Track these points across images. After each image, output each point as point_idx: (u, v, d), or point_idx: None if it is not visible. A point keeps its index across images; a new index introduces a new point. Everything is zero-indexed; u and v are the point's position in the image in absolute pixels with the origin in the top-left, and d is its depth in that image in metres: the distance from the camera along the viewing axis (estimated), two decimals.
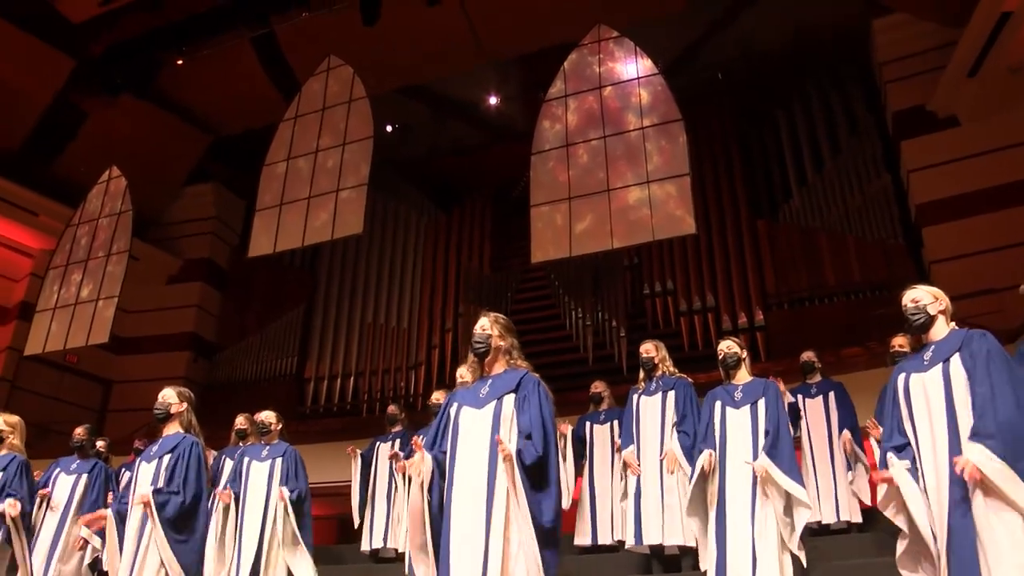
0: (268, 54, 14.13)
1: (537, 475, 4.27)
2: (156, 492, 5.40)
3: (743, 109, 14.72)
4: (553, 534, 4.21)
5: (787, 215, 13.53)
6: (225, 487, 7.61)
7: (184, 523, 5.43)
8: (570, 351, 13.89)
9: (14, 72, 13.84)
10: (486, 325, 4.73)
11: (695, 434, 6.49)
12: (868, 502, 7.90)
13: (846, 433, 8.03)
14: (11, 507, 6.48)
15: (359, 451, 9.48)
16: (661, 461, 6.92)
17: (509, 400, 4.50)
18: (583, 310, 14.06)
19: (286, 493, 7.39)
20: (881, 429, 5.72)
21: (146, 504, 5.37)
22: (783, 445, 5.78)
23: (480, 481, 4.33)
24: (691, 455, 6.51)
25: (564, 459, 8.37)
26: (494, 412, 4.48)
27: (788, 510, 5.65)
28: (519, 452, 4.29)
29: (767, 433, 5.82)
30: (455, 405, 4.65)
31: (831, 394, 8.29)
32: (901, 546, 4.55)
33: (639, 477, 7.02)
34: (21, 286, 15.50)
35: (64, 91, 14.20)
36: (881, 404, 6.74)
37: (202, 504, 5.56)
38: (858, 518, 7.97)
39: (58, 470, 7.91)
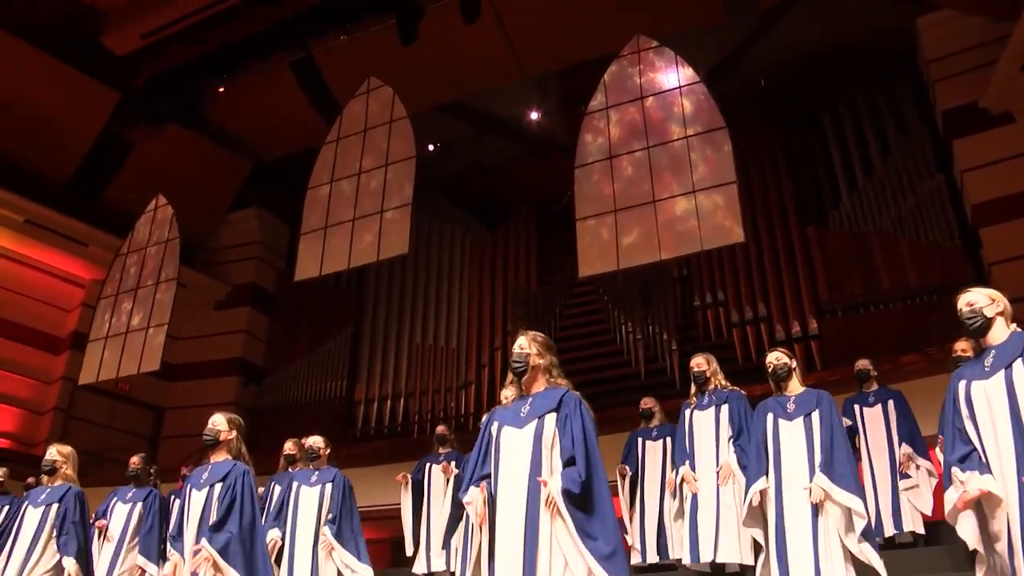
0: (308, 78, 14.26)
1: (584, 501, 4.19)
2: (210, 538, 5.39)
3: (788, 114, 14.55)
4: (613, 558, 4.10)
5: (837, 220, 13.34)
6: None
7: (244, 553, 5.42)
8: (621, 366, 13.80)
9: (62, 107, 14.14)
10: (524, 344, 4.69)
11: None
12: (929, 513, 7.75)
13: (906, 448, 7.86)
14: (71, 566, 6.49)
15: (408, 475, 9.45)
16: (717, 475, 6.83)
17: (550, 419, 4.43)
18: (633, 324, 13.96)
19: (329, 534, 7.36)
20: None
21: (208, 559, 5.36)
22: (839, 454, 5.67)
23: (521, 502, 4.28)
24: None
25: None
26: (535, 432, 4.42)
27: (849, 522, 5.55)
28: (564, 490, 4.20)
29: (822, 446, 5.71)
30: (495, 425, 4.61)
31: (890, 403, 8.11)
32: (980, 571, 4.37)
33: (695, 494, 6.93)
34: (73, 316, 15.75)
35: (110, 123, 14.47)
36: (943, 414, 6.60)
37: (258, 532, 5.55)
38: (920, 529, 7.81)
39: (115, 500, 8.00)
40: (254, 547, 5.48)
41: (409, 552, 9.20)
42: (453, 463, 9.03)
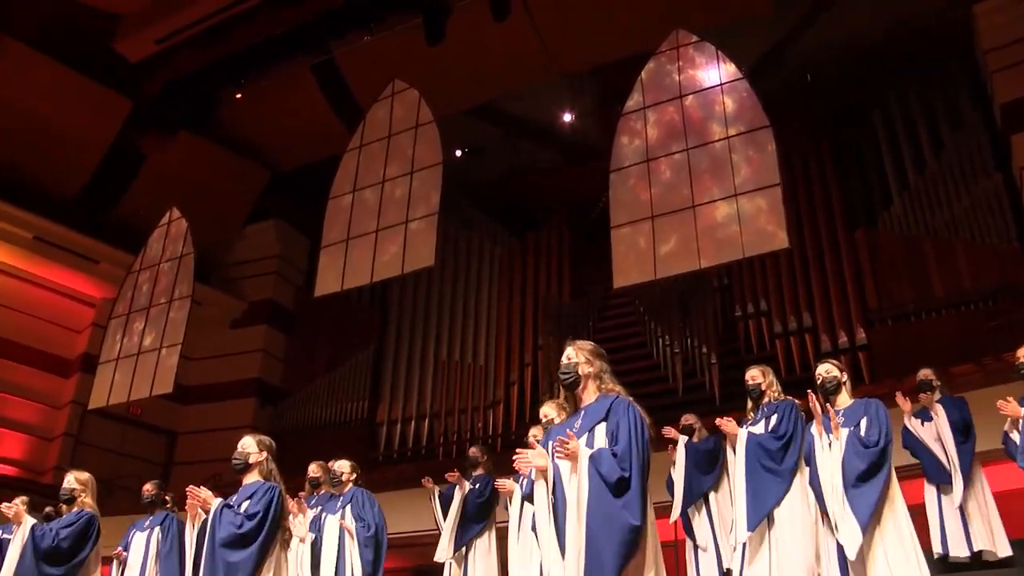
0: (329, 82, 14.44)
1: (617, 492, 4.17)
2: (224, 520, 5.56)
3: (834, 111, 14.59)
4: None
5: (887, 223, 13.36)
6: None
7: (241, 544, 5.55)
8: (658, 381, 13.81)
9: (72, 117, 14.40)
10: (571, 354, 4.71)
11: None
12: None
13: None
14: None
15: (438, 488, 9.47)
16: None
17: (600, 431, 4.40)
18: (670, 337, 14.00)
19: (351, 523, 7.53)
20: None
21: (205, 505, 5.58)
22: (872, 466, 5.75)
23: (576, 526, 4.19)
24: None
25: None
26: (585, 445, 4.36)
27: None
28: (595, 456, 4.23)
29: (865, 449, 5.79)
30: (551, 445, 4.47)
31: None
32: None
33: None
34: (83, 337, 15.98)
35: (122, 133, 14.72)
36: None
37: (263, 541, 5.64)
38: (1003, 548, 7.69)
39: (134, 531, 8.19)
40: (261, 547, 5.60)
41: (445, 556, 9.09)
42: (478, 485, 9.04)
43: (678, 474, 8.21)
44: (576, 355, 4.71)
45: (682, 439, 8.30)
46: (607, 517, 4.12)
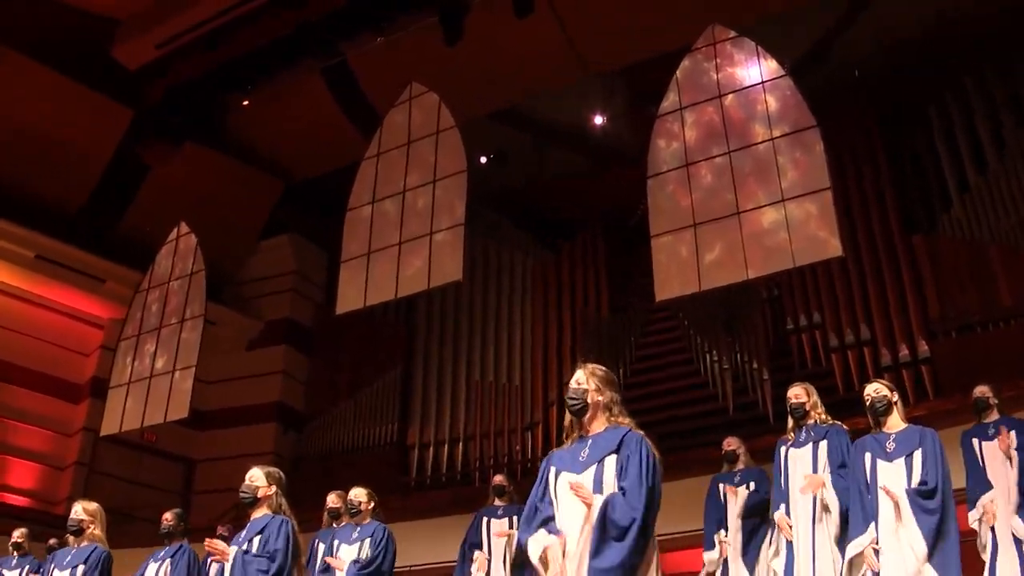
0: (342, 86, 14.45)
1: (621, 535, 4.23)
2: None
3: (887, 108, 14.34)
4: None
5: (948, 227, 13.17)
6: None
7: None
8: (706, 400, 13.72)
9: (71, 128, 14.43)
10: (581, 379, 4.77)
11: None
12: None
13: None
14: None
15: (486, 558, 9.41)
16: (813, 522, 6.79)
17: (611, 463, 4.48)
18: (718, 352, 13.89)
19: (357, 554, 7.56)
20: None
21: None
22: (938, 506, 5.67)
23: (577, 553, 4.29)
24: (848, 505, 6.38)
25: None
26: (595, 478, 4.46)
27: None
28: (607, 503, 4.26)
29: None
30: (552, 471, 4.66)
31: (1013, 435, 7.93)
32: None
33: (790, 542, 6.91)
34: (92, 361, 16.04)
35: (124, 144, 14.72)
36: None
37: None
38: None
39: (149, 562, 8.20)
40: None
41: None
42: (513, 519, 9.02)
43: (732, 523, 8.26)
44: (587, 381, 4.76)
45: (741, 493, 8.32)
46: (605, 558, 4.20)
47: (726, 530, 8.42)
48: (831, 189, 9.44)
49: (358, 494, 8.06)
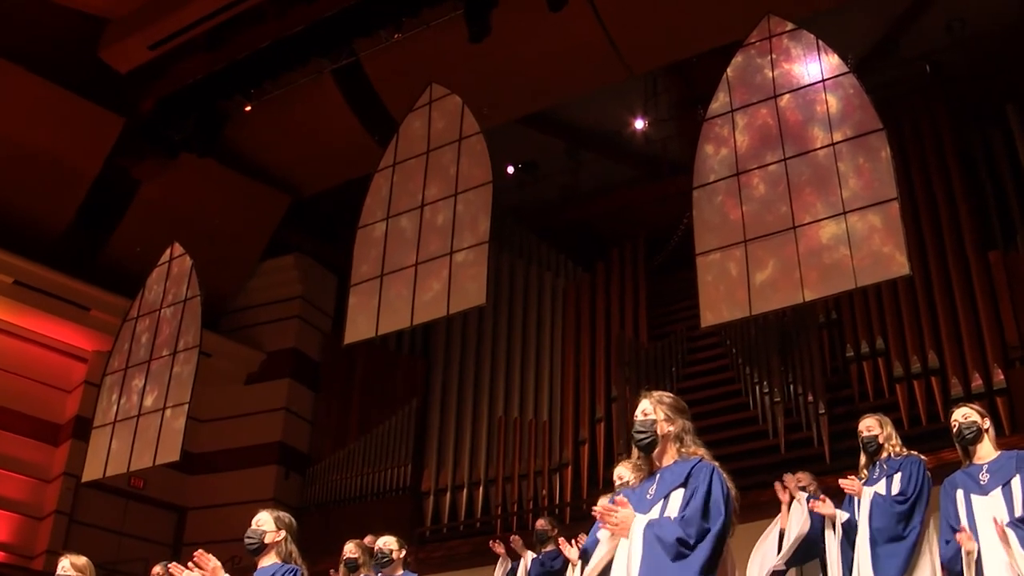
0: (354, 89, 14.49)
1: (675, 556, 4.22)
2: None
3: (961, 108, 14.34)
4: None
5: None
6: None
7: None
8: (756, 437, 13.67)
9: (53, 139, 14.46)
10: (648, 409, 4.73)
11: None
12: None
13: None
14: None
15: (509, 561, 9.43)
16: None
17: (676, 498, 4.47)
18: (770, 383, 13.82)
19: None
20: None
21: None
22: None
23: None
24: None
25: None
26: (660, 515, 4.44)
27: None
28: (653, 522, 4.29)
29: None
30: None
31: None
32: None
33: None
34: (74, 398, 16.02)
35: (113, 156, 14.77)
36: None
37: None
38: None
39: None
40: None
41: None
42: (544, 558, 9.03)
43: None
44: (655, 410, 4.73)
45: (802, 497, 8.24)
46: None
47: None
48: (898, 200, 9.46)
49: (388, 542, 8.01)
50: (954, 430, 6.16)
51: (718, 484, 4.41)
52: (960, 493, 6.00)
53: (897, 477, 6.81)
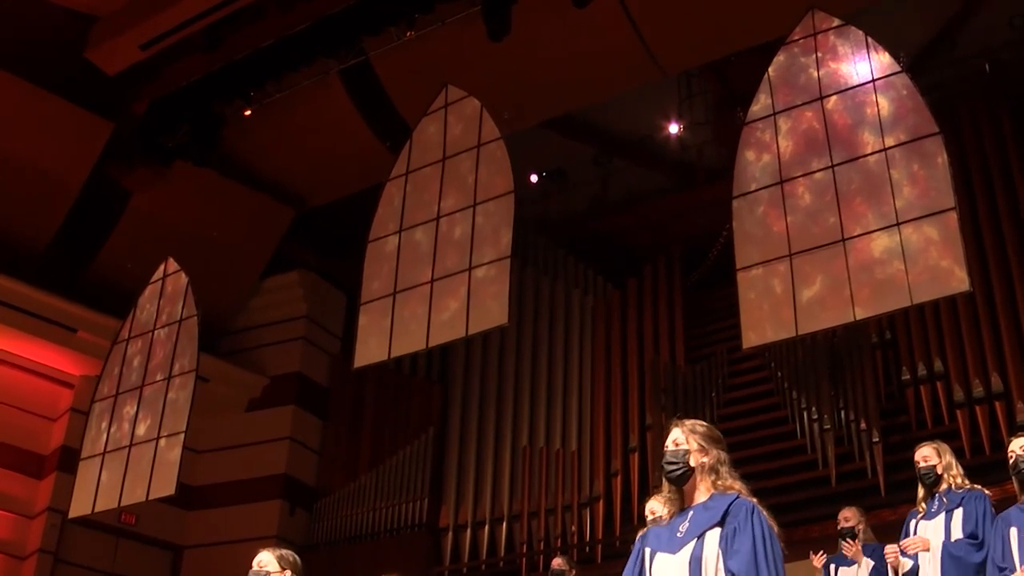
0: (363, 91, 14.52)
1: None
2: None
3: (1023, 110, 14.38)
4: None
5: None
6: None
7: None
8: (803, 468, 13.61)
9: (36, 146, 14.47)
10: (679, 439, 4.75)
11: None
12: None
13: None
14: None
15: None
16: None
17: (712, 537, 4.44)
18: (818, 409, 13.76)
19: None
20: None
21: None
22: None
23: None
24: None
25: None
26: (692, 556, 4.43)
27: None
28: None
29: None
30: (647, 552, 4.64)
31: None
32: None
33: None
34: (60, 426, 16.01)
35: (101, 165, 14.78)
36: None
37: None
38: None
39: None
40: None
41: None
42: None
43: None
44: (687, 440, 4.74)
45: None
46: None
47: None
48: (956, 209, 9.43)
49: None
50: (1011, 461, 6.17)
51: (764, 528, 4.40)
52: (1014, 532, 5.99)
53: (958, 513, 6.79)
